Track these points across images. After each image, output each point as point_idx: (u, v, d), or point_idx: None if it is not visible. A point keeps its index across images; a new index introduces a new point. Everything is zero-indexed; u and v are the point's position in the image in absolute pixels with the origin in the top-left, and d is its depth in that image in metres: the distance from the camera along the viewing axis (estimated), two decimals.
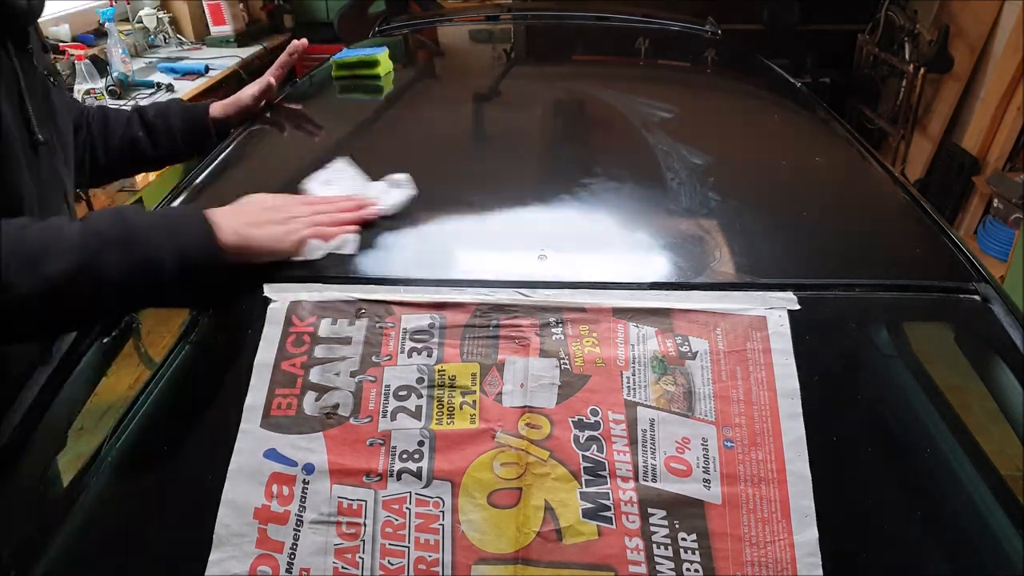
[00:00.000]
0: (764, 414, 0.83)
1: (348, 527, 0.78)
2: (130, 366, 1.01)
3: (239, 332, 0.91)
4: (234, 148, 1.40)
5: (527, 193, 1.16)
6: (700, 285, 0.94)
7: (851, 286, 0.95)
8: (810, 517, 0.77)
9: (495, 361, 0.86)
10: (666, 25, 2.56)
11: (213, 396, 0.91)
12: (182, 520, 0.84)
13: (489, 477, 0.79)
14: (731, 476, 0.79)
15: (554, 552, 0.76)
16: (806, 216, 1.16)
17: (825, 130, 1.56)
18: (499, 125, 1.51)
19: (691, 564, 0.75)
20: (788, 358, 0.86)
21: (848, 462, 0.84)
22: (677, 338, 0.88)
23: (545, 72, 2.08)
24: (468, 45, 2.53)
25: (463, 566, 0.75)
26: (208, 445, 0.86)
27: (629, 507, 0.77)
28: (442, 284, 0.94)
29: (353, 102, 1.80)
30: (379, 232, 1.03)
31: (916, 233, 1.12)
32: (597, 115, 1.56)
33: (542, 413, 0.83)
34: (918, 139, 4.32)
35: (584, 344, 0.87)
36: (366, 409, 0.84)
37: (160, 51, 4.11)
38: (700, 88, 1.95)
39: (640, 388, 0.84)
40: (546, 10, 2.84)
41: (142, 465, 0.90)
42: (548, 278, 0.94)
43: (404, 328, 0.89)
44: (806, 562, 0.75)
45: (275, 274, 0.95)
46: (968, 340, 1.00)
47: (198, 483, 0.83)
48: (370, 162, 1.17)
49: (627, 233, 1.08)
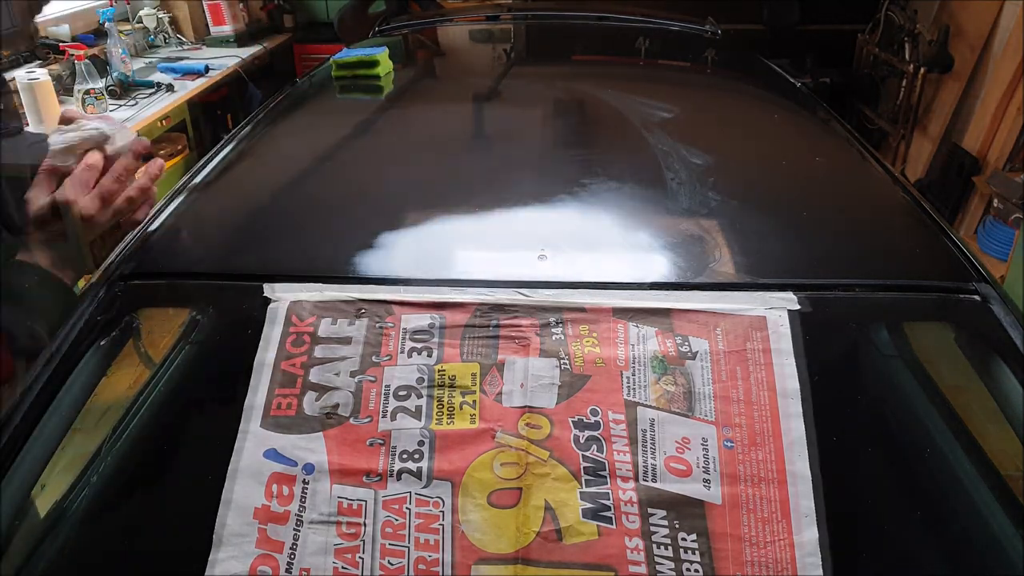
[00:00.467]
0: (764, 414, 0.82)
1: (348, 527, 0.78)
2: (130, 366, 1.01)
3: (239, 332, 0.91)
4: (234, 149, 1.40)
5: (527, 193, 1.16)
6: (700, 285, 0.94)
7: (851, 286, 0.95)
8: (810, 517, 0.77)
9: (495, 361, 0.86)
10: (666, 25, 2.56)
11: (213, 396, 0.91)
12: (182, 520, 0.84)
13: (489, 477, 0.79)
14: (731, 476, 0.79)
15: (554, 552, 0.76)
16: (806, 216, 1.16)
17: (825, 130, 1.56)
18: (499, 125, 1.51)
19: (691, 564, 0.75)
20: (788, 358, 0.86)
21: (848, 462, 0.84)
22: (677, 338, 0.88)
23: (545, 72, 2.08)
24: (468, 45, 2.53)
25: (463, 566, 0.75)
26: (208, 445, 0.86)
27: (629, 507, 0.77)
28: (442, 284, 0.94)
29: (352, 102, 1.80)
30: (379, 232, 1.03)
31: (916, 233, 1.12)
32: (597, 115, 1.56)
33: (542, 413, 0.83)
34: (918, 139, 4.32)
35: (584, 344, 0.87)
36: (366, 409, 0.84)
37: (160, 51, 4.12)
38: (700, 88, 1.95)
39: (640, 388, 0.84)
40: (546, 10, 2.84)
41: (142, 466, 0.90)
42: (548, 278, 0.94)
43: (404, 328, 0.89)
44: (806, 562, 0.75)
45: (275, 274, 0.95)
46: (968, 340, 1.00)
47: (198, 483, 0.83)
48: (368, 163, 1.17)
49: (627, 233, 1.09)
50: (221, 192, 1.23)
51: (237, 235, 1.09)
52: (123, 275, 1.01)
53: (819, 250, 1.05)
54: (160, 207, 1.19)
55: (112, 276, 1.01)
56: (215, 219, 1.15)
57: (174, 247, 1.09)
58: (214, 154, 1.37)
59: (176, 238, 1.11)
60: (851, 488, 0.83)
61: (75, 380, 0.96)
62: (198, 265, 1.04)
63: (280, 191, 1.19)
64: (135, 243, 1.08)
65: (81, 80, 2.81)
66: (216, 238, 1.10)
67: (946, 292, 0.97)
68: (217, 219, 1.15)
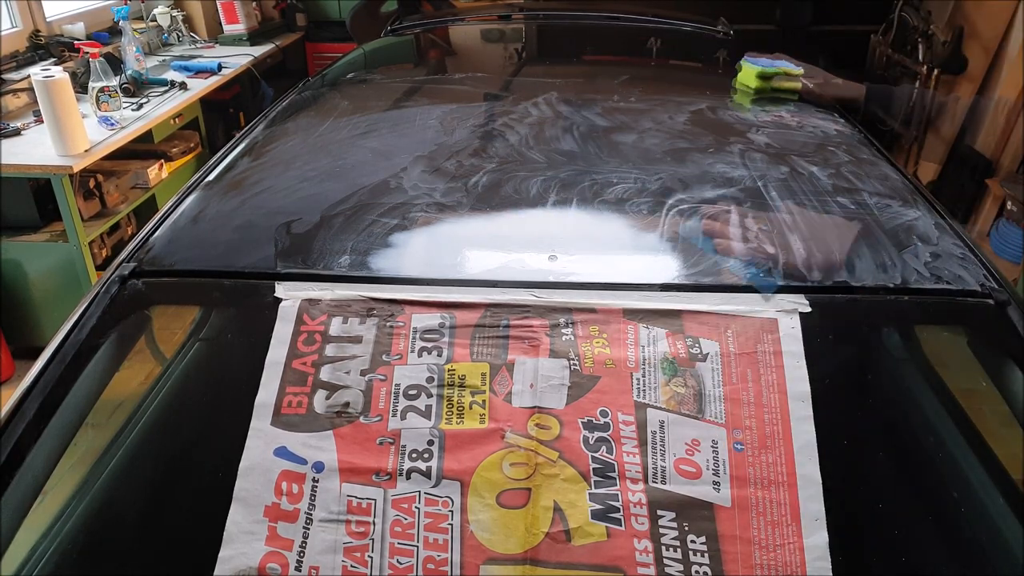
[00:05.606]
0: (775, 417, 0.82)
1: (357, 526, 0.78)
2: (142, 362, 1.01)
3: (250, 330, 0.92)
4: (246, 147, 1.41)
5: (538, 194, 1.16)
6: (711, 287, 0.93)
7: (863, 289, 0.95)
8: (820, 520, 0.76)
9: (505, 361, 0.87)
10: (678, 25, 2.56)
11: (224, 393, 0.91)
12: (192, 517, 0.84)
13: (498, 477, 0.79)
14: (741, 479, 0.79)
15: (563, 553, 0.76)
16: (818, 218, 1.15)
17: (837, 131, 1.55)
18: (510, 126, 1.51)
19: (700, 567, 0.75)
20: (799, 361, 0.85)
21: (858, 466, 0.84)
22: (688, 340, 0.88)
23: (557, 72, 2.08)
24: (480, 44, 2.53)
25: (472, 566, 0.75)
26: (219, 442, 0.87)
27: (638, 509, 0.77)
28: (452, 284, 0.94)
29: (363, 102, 1.80)
30: (389, 232, 1.03)
31: (929, 236, 1.11)
32: (609, 116, 1.55)
33: (551, 414, 0.83)
34: (931, 141, 4.29)
35: (594, 345, 0.87)
36: (376, 408, 0.84)
37: (173, 49, 4.14)
38: (710, 89, 1.95)
39: (650, 390, 0.84)
40: (558, 10, 2.84)
41: (153, 462, 0.91)
42: (558, 279, 0.94)
43: (414, 327, 0.89)
44: (816, 566, 0.75)
45: (286, 272, 0.95)
46: (981, 344, 0.99)
47: (208, 480, 0.83)
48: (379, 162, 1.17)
49: (637, 235, 1.08)
50: (233, 190, 1.23)
51: (248, 233, 1.10)
52: (135, 272, 1.02)
53: (830, 252, 1.04)
54: (172, 204, 1.20)
55: (124, 273, 1.02)
56: (227, 217, 1.16)
57: (186, 245, 1.10)
58: (226, 152, 1.38)
59: (188, 236, 1.11)
60: (861, 492, 0.83)
61: (87, 376, 0.97)
62: (210, 263, 1.05)
63: (291, 189, 1.19)
64: (147, 240, 1.09)
65: (95, 78, 2.83)
66: (227, 236, 1.11)
67: (958, 296, 0.97)
68: (229, 217, 1.15)
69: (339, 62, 2.14)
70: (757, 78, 1.76)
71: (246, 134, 1.48)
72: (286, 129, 1.54)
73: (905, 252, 1.05)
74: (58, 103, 2.54)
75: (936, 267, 1.03)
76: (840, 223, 1.12)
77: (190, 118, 3.56)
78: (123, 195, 3.02)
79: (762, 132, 1.46)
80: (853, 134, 1.50)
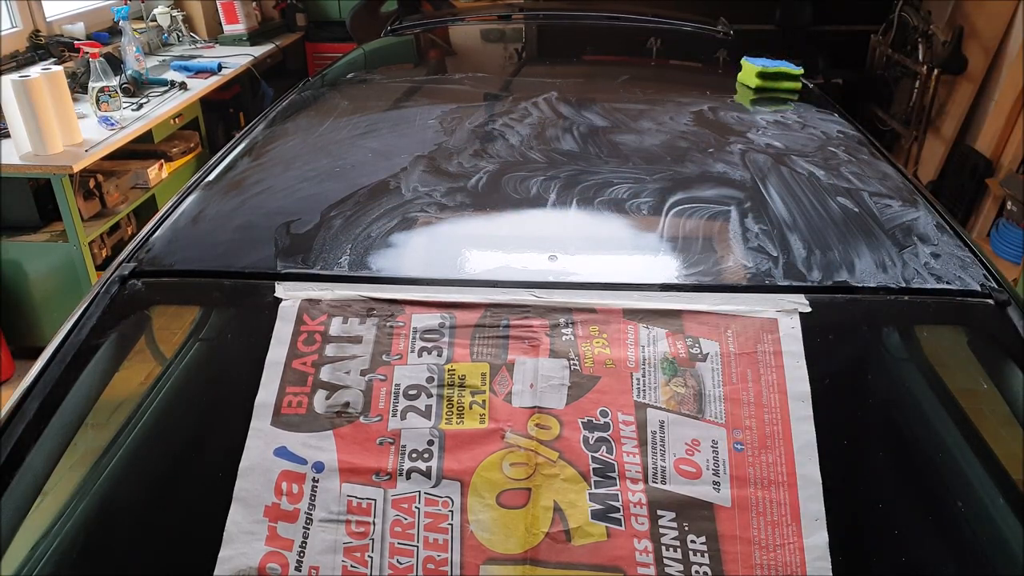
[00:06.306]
0: (775, 417, 0.82)
1: (357, 526, 0.78)
2: (142, 362, 1.01)
3: (250, 330, 0.92)
4: (246, 147, 1.41)
5: (538, 194, 1.16)
6: (711, 287, 0.93)
7: (863, 289, 0.94)
8: (820, 520, 0.76)
9: (505, 361, 0.87)
10: (678, 25, 2.56)
11: (224, 394, 0.91)
12: (192, 517, 0.84)
13: (498, 477, 0.79)
14: (741, 479, 0.79)
15: (563, 553, 0.76)
16: (818, 218, 1.15)
17: (838, 132, 1.55)
18: (510, 126, 1.51)
19: (700, 566, 0.75)
20: (799, 361, 0.85)
21: (859, 465, 0.84)
22: (688, 340, 0.88)
23: (557, 72, 2.08)
24: (480, 44, 2.53)
25: (472, 566, 0.75)
26: (218, 442, 0.87)
27: (638, 509, 0.77)
28: (452, 284, 0.94)
29: (364, 102, 1.80)
30: (389, 232, 1.03)
31: (929, 236, 1.11)
32: (609, 116, 1.55)
33: (551, 414, 0.83)
34: (931, 141, 4.29)
35: (594, 345, 0.87)
36: (376, 408, 0.84)
37: (174, 49, 4.14)
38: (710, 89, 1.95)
39: (650, 390, 0.84)
40: (558, 10, 2.84)
41: (153, 462, 0.91)
42: (558, 279, 0.94)
43: (414, 327, 0.89)
44: (816, 566, 0.75)
45: (286, 272, 0.95)
46: (981, 344, 0.99)
47: (208, 480, 0.83)
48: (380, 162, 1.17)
49: (638, 235, 1.08)
50: (233, 190, 1.23)
51: (248, 233, 1.10)
52: (135, 272, 1.02)
53: (831, 252, 1.04)
54: (172, 204, 1.20)
55: (124, 273, 1.02)
56: (227, 217, 1.16)
57: (186, 245, 1.10)
58: (226, 152, 1.37)
59: (188, 236, 1.11)
60: (861, 492, 0.83)
61: (87, 376, 0.97)
62: (209, 263, 1.05)
63: (291, 189, 1.19)
64: (147, 240, 1.09)
65: (95, 78, 2.83)
66: (227, 236, 1.11)
67: (958, 296, 0.97)
68: (228, 217, 1.15)
69: (339, 62, 2.14)
70: (757, 77, 1.76)
71: (246, 134, 1.48)
72: (286, 129, 1.54)
73: (905, 252, 1.05)
74: (35, 102, 2.52)
75: (936, 267, 1.03)
76: (840, 223, 1.12)
77: (190, 118, 3.56)
78: (123, 195, 3.02)
79: (762, 132, 1.46)
80: (853, 134, 1.50)
